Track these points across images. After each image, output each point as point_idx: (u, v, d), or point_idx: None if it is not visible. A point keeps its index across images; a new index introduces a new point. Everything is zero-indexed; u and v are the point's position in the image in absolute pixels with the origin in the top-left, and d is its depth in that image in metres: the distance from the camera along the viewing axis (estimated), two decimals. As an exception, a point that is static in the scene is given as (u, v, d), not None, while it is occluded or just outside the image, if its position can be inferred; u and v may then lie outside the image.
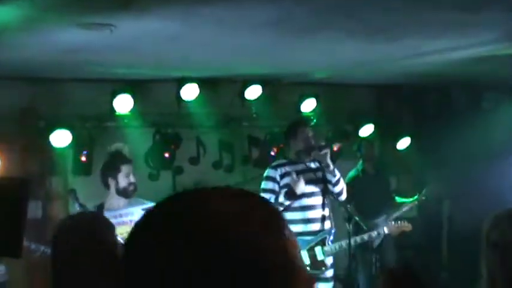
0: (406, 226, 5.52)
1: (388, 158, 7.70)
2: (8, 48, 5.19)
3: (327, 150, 5.43)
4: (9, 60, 5.61)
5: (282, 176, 5.49)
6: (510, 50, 5.86)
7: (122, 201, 5.19)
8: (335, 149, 6.79)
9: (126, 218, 5.05)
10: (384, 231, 5.75)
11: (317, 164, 5.51)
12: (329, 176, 5.43)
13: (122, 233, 3.94)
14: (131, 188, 5.16)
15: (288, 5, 4.18)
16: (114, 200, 5.19)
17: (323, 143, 5.59)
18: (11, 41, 4.90)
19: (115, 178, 5.16)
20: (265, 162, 7.16)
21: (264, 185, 5.54)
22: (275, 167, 5.58)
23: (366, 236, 5.51)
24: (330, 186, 5.44)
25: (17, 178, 4.42)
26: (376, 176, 7.28)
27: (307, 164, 5.51)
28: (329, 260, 5.51)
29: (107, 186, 5.23)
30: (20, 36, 4.78)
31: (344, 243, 5.39)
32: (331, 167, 5.44)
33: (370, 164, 7.27)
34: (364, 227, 5.74)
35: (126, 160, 5.26)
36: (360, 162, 7.22)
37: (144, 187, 6.81)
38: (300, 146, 5.51)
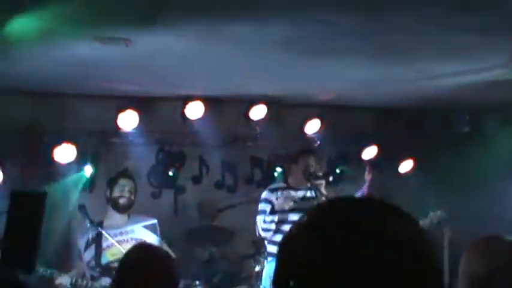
0: None
1: (390, 180, 7.69)
2: (18, 62, 5.16)
3: (322, 182, 5.65)
4: (16, 74, 5.57)
5: (278, 200, 5.66)
6: (512, 75, 5.92)
7: (121, 219, 5.12)
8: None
9: (126, 236, 4.99)
10: None
11: (313, 193, 5.62)
12: None
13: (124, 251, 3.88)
14: (122, 200, 5.09)
15: (308, 26, 4.19)
16: (113, 217, 5.14)
17: (320, 174, 5.74)
18: (24, 53, 4.87)
19: (111, 188, 5.15)
20: (268, 183, 7.14)
21: (260, 206, 5.75)
22: (272, 190, 5.80)
23: None
24: None
25: (36, 192, 4.38)
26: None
27: (304, 191, 5.62)
28: None
29: (106, 200, 5.21)
30: (34, 49, 4.75)
31: None
32: (324, 198, 5.60)
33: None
34: None
35: (126, 175, 5.28)
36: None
37: (146, 205, 6.75)
38: (299, 173, 5.70)
